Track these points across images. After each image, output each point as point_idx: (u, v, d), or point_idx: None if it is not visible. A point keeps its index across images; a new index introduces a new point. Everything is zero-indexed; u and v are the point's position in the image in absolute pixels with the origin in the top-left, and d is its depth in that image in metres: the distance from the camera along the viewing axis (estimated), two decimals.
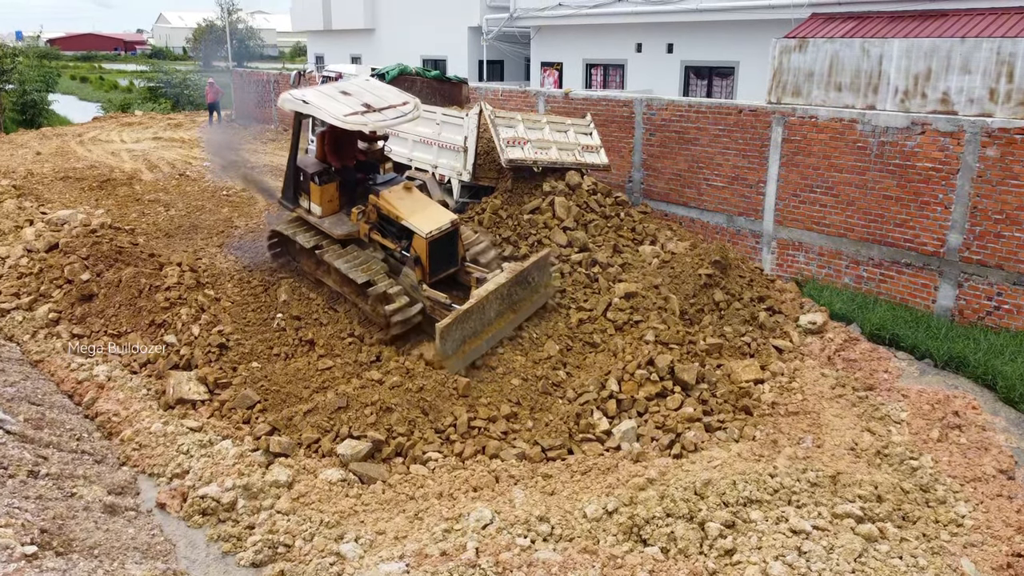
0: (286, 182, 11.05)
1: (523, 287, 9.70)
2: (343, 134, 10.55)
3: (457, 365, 8.73)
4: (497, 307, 9.29)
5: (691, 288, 10.75)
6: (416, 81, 15.24)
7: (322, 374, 8.81)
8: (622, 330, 9.88)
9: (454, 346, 8.72)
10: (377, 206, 10.07)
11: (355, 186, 10.48)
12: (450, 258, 10.01)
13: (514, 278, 9.44)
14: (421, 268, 9.69)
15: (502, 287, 9.29)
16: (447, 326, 8.55)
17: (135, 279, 9.87)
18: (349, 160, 10.69)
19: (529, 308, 9.83)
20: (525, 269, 9.66)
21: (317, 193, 10.37)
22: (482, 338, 9.06)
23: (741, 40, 17.15)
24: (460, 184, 12.62)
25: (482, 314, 9.04)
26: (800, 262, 13.03)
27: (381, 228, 10.19)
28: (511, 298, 9.51)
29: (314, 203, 10.47)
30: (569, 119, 13.40)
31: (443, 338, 8.54)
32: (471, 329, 8.92)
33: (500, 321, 9.36)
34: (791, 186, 12.86)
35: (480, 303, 8.97)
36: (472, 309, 8.86)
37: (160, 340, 9.14)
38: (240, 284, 10.44)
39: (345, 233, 10.22)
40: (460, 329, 8.76)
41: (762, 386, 9.31)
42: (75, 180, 17.75)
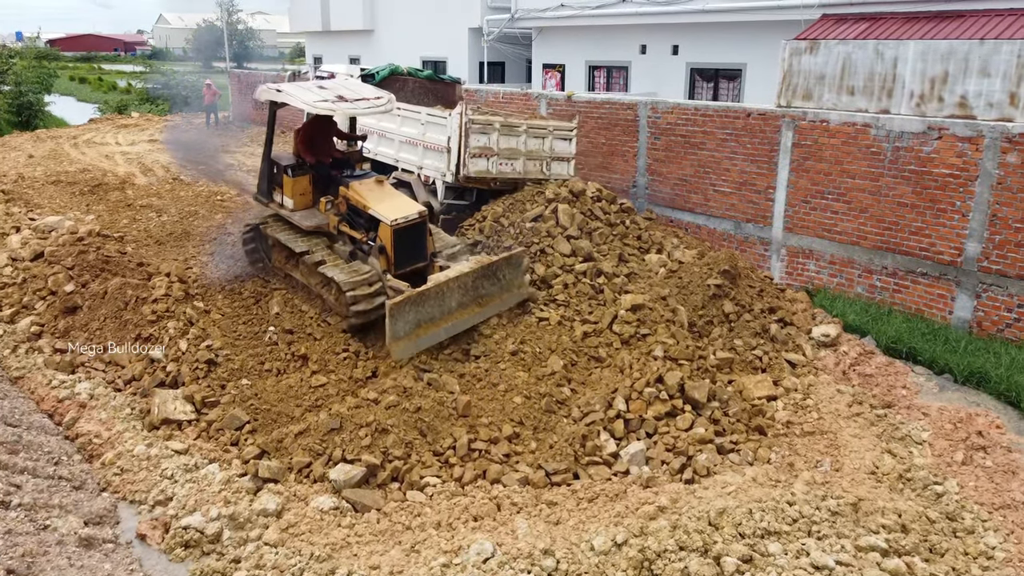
0: (261, 177, 10.97)
1: (492, 282, 9.53)
2: (319, 130, 10.61)
3: (408, 350, 8.56)
4: (459, 297, 9.14)
5: (699, 299, 10.35)
6: (408, 81, 14.86)
7: (315, 391, 8.41)
8: (628, 344, 9.47)
9: (406, 328, 8.54)
10: (347, 197, 10.07)
11: (329, 182, 10.43)
12: (417, 252, 9.79)
13: (480, 270, 9.33)
14: (386, 257, 9.55)
15: (465, 276, 9.16)
16: (397, 304, 8.41)
17: (121, 291, 9.47)
18: (325, 157, 10.64)
19: (498, 305, 9.62)
20: (493, 263, 9.53)
21: (289, 186, 10.34)
22: (440, 326, 8.87)
23: (748, 42, 16.73)
24: (444, 185, 12.27)
25: (441, 301, 8.89)
26: (811, 271, 12.63)
27: (350, 220, 10.15)
28: (477, 291, 9.35)
29: (286, 196, 10.43)
30: (553, 122, 13.01)
31: (393, 317, 8.37)
32: (427, 314, 8.76)
33: (462, 312, 9.16)
34: (801, 192, 12.48)
35: (438, 288, 8.84)
36: (428, 293, 8.74)
37: (146, 356, 8.73)
38: (231, 295, 10.05)
39: (314, 225, 10.20)
40: (415, 312, 8.60)
41: (775, 403, 8.91)
42: (66, 184, 17.35)
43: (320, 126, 10.68)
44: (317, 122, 10.70)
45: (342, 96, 10.10)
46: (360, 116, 11.00)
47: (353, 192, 10.00)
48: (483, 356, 9.09)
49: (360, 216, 10.01)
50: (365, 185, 10.19)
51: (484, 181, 12.01)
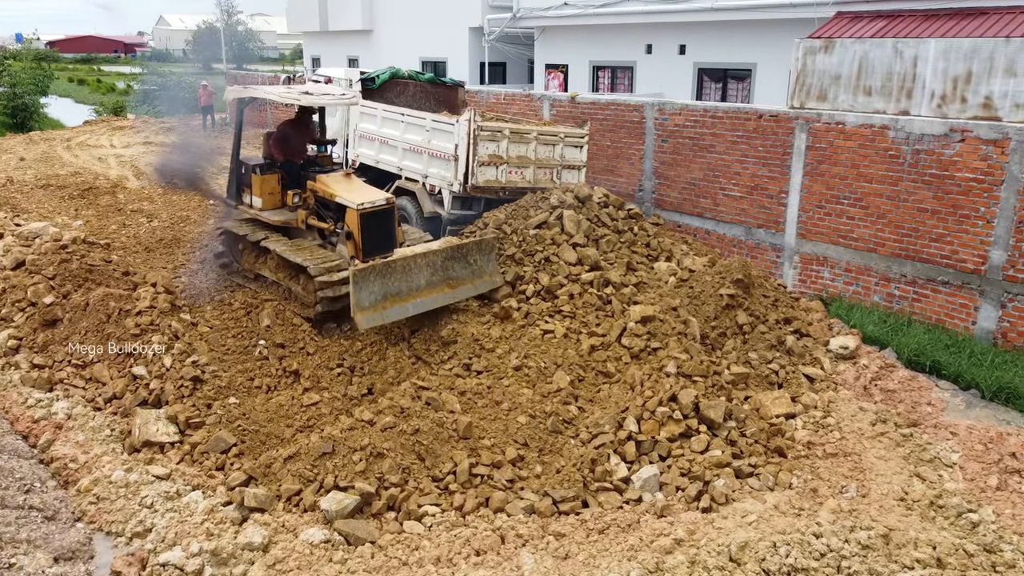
0: (229, 179, 11.00)
1: (463, 266, 9.54)
2: (293, 131, 10.78)
3: (372, 320, 8.56)
4: (428, 276, 9.15)
5: (712, 310, 9.87)
6: (409, 85, 14.38)
7: (307, 410, 7.94)
8: (638, 358, 8.99)
9: (370, 299, 8.55)
10: (314, 190, 10.19)
11: (298, 180, 10.50)
12: (386, 240, 9.74)
13: (449, 251, 9.35)
14: (354, 243, 9.50)
15: (434, 255, 9.22)
16: (362, 271, 8.43)
17: (103, 302, 8.98)
18: (296, 158, 10.73)
19: (469, 290, 9.59)
20: (463, 245, 9.56)
21: (258, 184, 10.37)
22: (407, 301, 8.88)
23: (759, 41, 16.23)
24: (451, 195, 11.75)
25: (408, 276, 8.93)
26: (825, 278, 12.14)
27: (318, 213, 10.22)
28: (447, 272, 9.36)
29: (255, 195, 10.46)
30: (564, 128, 12.54)
31: (357, 283, 8.36)
32: (394, 288, 8.79)
33: (431, 291, 9.16)
34: (816, 197, 11.99)
35: (405, 262, 8.89)
36: (395, 265, 8.78)
37: (128, 372, 8.25)
38: (220, 306, 9.57)
39: (282, 221, 10.27)
40: (380, 284, 8.63)
41: (794, 422, 8.43)
42: (56, 188, 16.88)
43: (295, 128, 10.87)
44: (292, 124, 10.94)
45: (308, 92, 10.57)
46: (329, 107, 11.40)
47: (320, 184, 10.12)
48: (485, 372, 8.61)
49: (328, 208, 10.12)
50: (332, 177, 10.33)
51: (493, 191, 11.51)
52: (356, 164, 13.94)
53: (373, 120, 13.25)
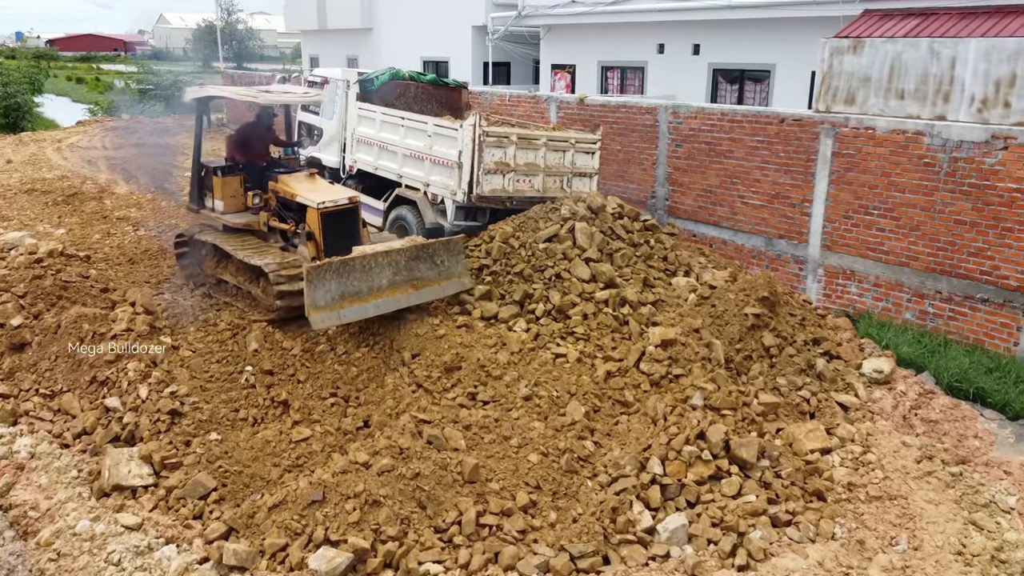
0: (191, 182, 10.78)
1: (429, 266, 9.15)
2: (252, 133, 10.63)
3: (328, 320, 8.22)
4: (391, 276, 8.77)
5: (736, 331, 9.13)
6: (409, 86, 13.61)
7: (296, 447, 7.20)
8: (659, 385, 8.25)
9: (326, 298, 8.19)
10: (275, 191, 10.02)
11: (260, 181, 10.28)
12: (349, 240, 9.43)
13: (413, 250, 8.99)
14: (315, 243, 9.33)
15: (396, 254, 8.83)
16: (317, 269, 8.10)
17: (76, 324, 8.25)
18: (257, 160, 10.56)
19: (435, 291, 9.20)
20: (428, 244, 9.19)
21: (219, 187, 10.15)
22: (367, 300, 8.52)
23: (778, 40, 15.47)
24: (455, 205, 10.99)
25: (368, 275, 8.55)
26: (852, 293, 11.40)
27: (280, 214, 10.03)
28: (411, 272, 8.99)
29: (217, 199, 10.23)
30: (575, 133, 11.78)
31: (311, 283, 8.01)
32: (353, 287, 8.41)
33: (394, 291, 8.78)
34: (842, 207, 11.25)
35: (365, 261, 8.51)
36: (354, 264, 8.41)
37: (101, 403, 7.51)
38: (204, 328, 8.83)
39: (244, 223, 10.10)
40: (337, 282, 8.26)
41: (831, 458, 7.69)
42: (41, 193, 16.15)
43: (254, 129, 10.73)
44: (252, 125, 10.82)
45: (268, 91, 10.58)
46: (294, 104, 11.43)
47: (282, 184, 9.96)
48: (492, 402, 7.87)
49: (289, 209, 9.93)
50: (294, 177, 10.17)
51: (499, 200, 10.74)
52: (354, 170, 13.20)
53: (371, 124, 12.50)
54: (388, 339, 8.66)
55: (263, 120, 10.93)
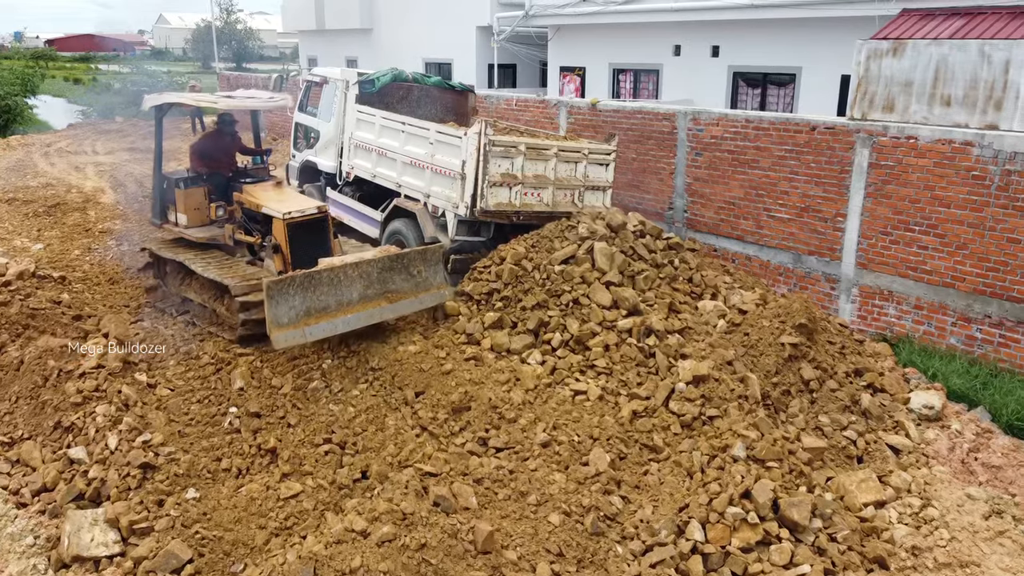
0: (153, 195, 10.30)
1: (404, 277, 8.64)
2: (215, 144, 10.24)
3: (291, 338, 7.65)
4: (362, 289, 8.24)
5: (773, 362, 8.29)
6: (413, 89, 12.75)
7: (285, 505, 6.34)
8: (691, 428, 7.40)
9: (290, 314, 7.63)
10: (240, 202, 9.65)
11: (225, 195, 9.88)
12: (318, 252, 8.96)
13: (386, 260, 8.49)
14: (281, 256, 8.90)
15: (368, 265, 8.32)
16: (278, 284, 7.58)
17: (40, 361, 7.39)
18: (222, 170, 10.14)
19: (412, 304, 8.68)
20: (403, 254, 8.70)
21: (182, 200, 9.76)
22: (335, 316, 7.97)
23: (804, 42, 14.59)
24: (457, 219, 10.12)
25: (337, 289, 8.02)
26: (890, 315, 10.55)
27: (246, 226, 9.64)
28: (384, 284, 8.48)
29: (180, 212, 9.82)
30: (587, 143, 10.92)
31: (272, 299, 7.48)
32: (319, 302, 7.87)
33: (366, 305, 8.25)
34: (880, 222, 10.41)
35: (332, 274, 7.98)
36: (320, 277, 7.88)
37: (64, 454, 6.65)
38: (185, 361, 7.97)
39: (208, 237, 9.71)
40: (302, 297, 7.72)
41: (887, 512, 6.84)
42: (22, 203, 15.30)
43: (217, 140, 10.32)
44: (213, 136, 10.39)
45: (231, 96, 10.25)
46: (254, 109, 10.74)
47: (247, 195, 9.58)
48: (506, 449, 7.01)
49: (256, 220, 9.52)
50: (260, 187, 9.76)
51: (505, 215, 9.90)
52: (351, 177, 12.36)
53: (370, 128, 11.64)
54: (389, 375, 7.81)
55: (226, 128, 10.40)
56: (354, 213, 12.22)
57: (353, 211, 12.25)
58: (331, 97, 12.80)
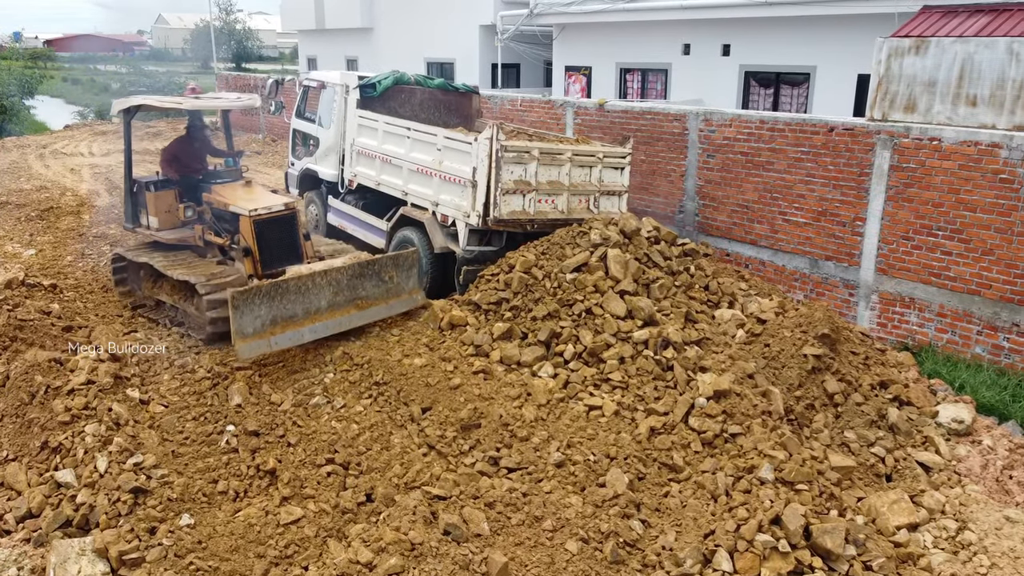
0: (125, 200, 10.25)
1: (375, 283, 8.57)
2: (184, 148, 10.25)
3: (255, 348, 7.60)
4: (331, 296, 8.20)
5: (795, 375, 7.92)
6: (415, 92, 12.36)
7: (285, 532, 5.96)
8: (713, 445, 7.03)
9: (255, 324, 7.58)
10: (209, 202, 9.66)
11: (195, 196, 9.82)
12: (288, 250, 9.20)
13: (356, 267, 8.42)
14: (252, 258, 8.93)
15: (337, 272, 8.26)
16: (243, 294, 7.48)
17: (27, 376, 7.01)
18: (192, 173, 10.11)
19: (382, 310, 8.62)
20: (374, 261, 8.62)
21: (152, 202, 9.72)
22: (302, 325, 7.94)
23: (819, 40, 14.21)
24: (468, 229, 9.73)
25: (304, 297, 7.98)
26: (911, 323, 10.18)
27: (215, 227, 9.59)
28: (354, 291, 8.41)
29: (151, 216, 9.78)
30: (602, 146, 10.54)
31: (237, 309, 7.40)
32: (286, 311, 7.83)
33: (335, 313, 8.23)
34: (901, 226, 10.04)
35: (300, 282, 7.93)
36: (287, 287, 7.83)
37: (51, 477, 6.27)
38: (180, 376, 7.59)
39: (178, 238, 9.72)
40: (268, 307, 7.66)
41: (921, 536, 6.47)
42: (15, 207, 14.93)
43: (189, 146, 10.31)
44: (183, 140, 10.39)
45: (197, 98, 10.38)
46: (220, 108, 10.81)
47: (215, 194, 9.61)
48: (518, 469, 6.64)
49: (224, 220, 9.53)
50: (228, 187, 9.79)
51: (519, 224, 9.51)
52: (354, 185, 11.95)
53: (373, 134, 11.24)
54: (395, 390, 7.43)
55: (196, 132, 10.40)
56: (358, 222, 11.83)
57: (357, 220, 11.86)
58: (330, 102, 12.41)
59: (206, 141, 10.59)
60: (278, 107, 13.52)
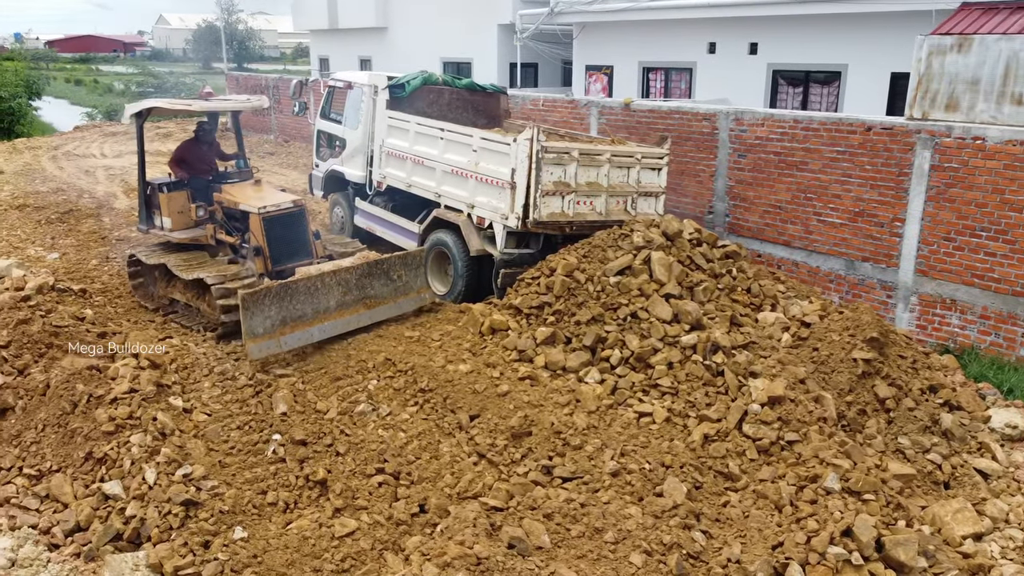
0: (139, 202, 10.37)
1: (383, 283, 8.69)
2: (191, 151, 10.40)
3: (265, 348, 7.68)
4: (340, 296, 8.30)
5: (846, 380, 7.77)
6: (444, 92, 12.21)
7: (340, 545, 5.80)
8: (769, 453, 6.87)
9: (265, 324, 7.67)
10: (220, 201, 9.83)
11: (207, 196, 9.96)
12: (297, 246, 9.43)
13: (365, 267, 8.53)
14: (263, 258, 9.11)
15: (346, 272, 8.37)
16: (253, 295, 7.56)
17: (68, 385, 6.85)
18: (202, 174, 10.25)
19: (390, 309, 8.75)
20: (383, 260, 8.75)
21: (165, 203, 9.85)
22: (311, 325, 8.04)
23: (850, 38, 14.04)
24: (505, 231, 9.57)
25: (314, 297, 8.07)
26: (953, 325, 10.03)
27: (226, 226, 9.77)
28: (363, 290, 8.51)
29: (164, 216, 9.91)
30: (639, 147, 10.40)
31: (248, 310, 7.48)
32: (295, 311, 7.91)
33: (343, 312, 8.33)
34: (943, 227, 9.89)
35: (309, 283, 8.04)
36: (296, 288, 7.93)
37: (98, 488, 6.11)
38: (221, 384, 7.43)
39: (191, 238, 9.85)
40: (278, 307, 7.75)
41: (987, 546, 6.31)
42: (34, 209, 14.78)
43: (197, 148, 10.47)
44: (191, 143, 10.54)
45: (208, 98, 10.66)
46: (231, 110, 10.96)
47: (225, 193, 9.79)
48: (574, 478, 6.48)
49: (235, 218, 9.71)
50: (238, 186, 9.99)
51: (558, 226, 9.36)
52: (383, 187, 11.79)
53: (404, 135, 11.08)
54: (440, 397, 7.28)
55: (204, 135, 10.58)
56: (387, 224, 11.67)
57: (386, 222, 11.70)
58: (357, 103, 12.25)
59: (214, 144, 10.73)
60: (302, 107, 13.38)
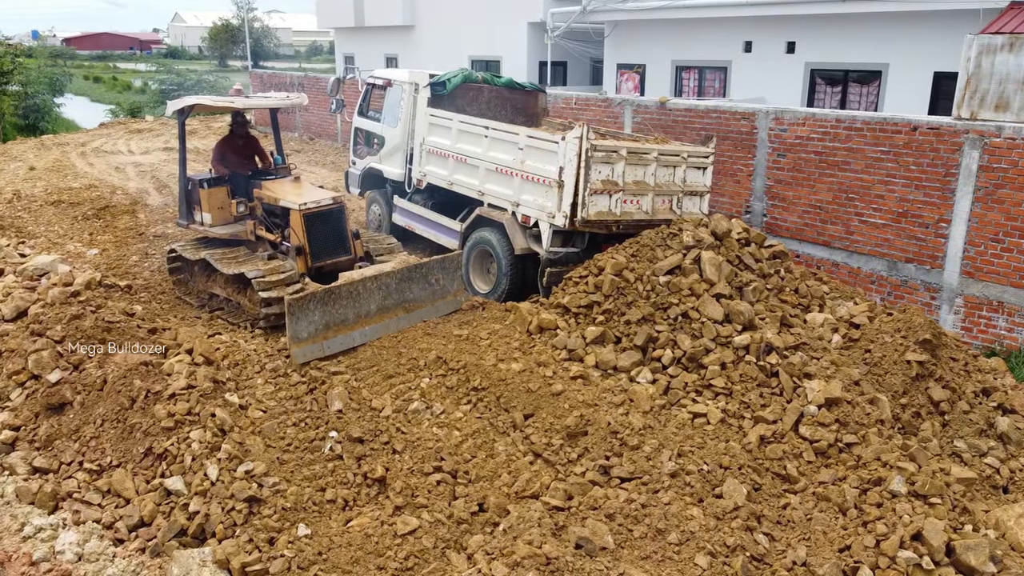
0: (180, 198, 10.52)
1: (422, 286, 8.83)
2: (232, 147, 10.57)
3: (309, 353, 7.79)
4: (380, 300, 8.43)
5: (899, 382, 7.69)
6: (483, 90, 12.19)
7: (403, 543, 5.78)
8: (826, 455, 6.81)
9: (310, 329, 7.82)
10: (260, 198, 9.90)
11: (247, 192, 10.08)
12: (337, 243, 9.55)
13: (404, 271, 8.64)
14: (303, 257, 9.24)
15: (386, 277, 8.49)
16: (299, 300, 7.71)
17: (125, 380, 6.87)
18: (241, 170, 10.40)
19: (428, 312, 8.87)
20: (422, 264, 8.88)
21: (206, 199, 9.99)
22: (353, 329, 8.17)
23: (892, 37, 13.92)
24: (552, 230, 9.53)
25: (355, 302, 8.18)
26: (999, 327, 9.93)
27: (266, 223, 9.88)
28: (402, 294, 8.65)
29: (205, 212, 10.08)
30: (686, 146, 10.34)
31: (293, 315, 7.63)
32: (338, 315, 8.05)
33: (383, 316, 8.45)
34: (990, 228, 9.80)
35: (352, 288, 8.15)
36: (339, 292, 8.05)
37: (160, 483, 6.12)
38: (274, 380, 7.43)
39: (230, 234, 9.95)
40: (321, 312, 7.88)
41: None
42: (68, 205, 14.85)
43: (234, 143, 10.64)
44: (231, 139, 10.69)
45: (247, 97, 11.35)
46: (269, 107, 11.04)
47: (266, 190, 9.86)
48: (632, 479, 6.44)
49: (275, 215, 9.80)
50: (279, 182, 10.10)
51: (605, 225, 9.32)
52: (423, 184, 11.78)
53: (446, 133, 11.07)
54: (494, 395, 7.25)
55: (238, 129, 10.74)
56: (427, 223, 11.65)
57: (426, 220, 11.69)
58: (396, 100, 12.24)
59: (249, 139, 10.86)
60: (339, 105, 13.39)
